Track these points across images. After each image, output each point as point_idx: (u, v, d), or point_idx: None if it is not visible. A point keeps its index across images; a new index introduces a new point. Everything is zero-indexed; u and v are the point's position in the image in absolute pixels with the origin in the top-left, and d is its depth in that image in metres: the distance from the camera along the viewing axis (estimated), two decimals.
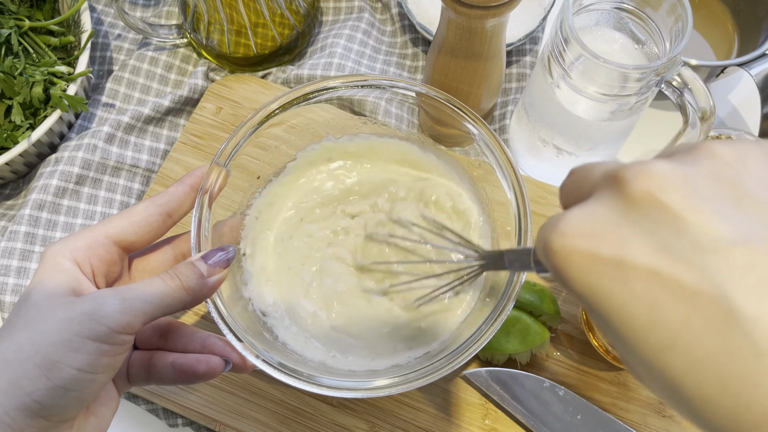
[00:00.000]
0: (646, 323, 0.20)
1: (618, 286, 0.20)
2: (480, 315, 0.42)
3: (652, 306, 0.20)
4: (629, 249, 0.20)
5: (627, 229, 0.20)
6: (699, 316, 0.19)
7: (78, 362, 0.31)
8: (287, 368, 0.39)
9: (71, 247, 0.36)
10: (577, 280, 0.21)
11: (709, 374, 0.19)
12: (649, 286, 0.20)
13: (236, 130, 0.44)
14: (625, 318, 0.20)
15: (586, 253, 0.21)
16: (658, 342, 0.20)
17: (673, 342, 0.19)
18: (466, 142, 0.48)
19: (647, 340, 0.20)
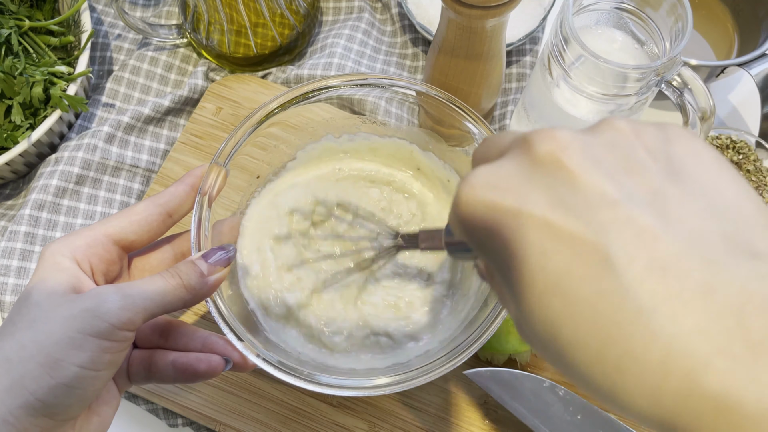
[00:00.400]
0: (534, 268, 0.21)
1: (513, 234, 0.22)
2: (480, 314, 0.42)
3: (541, 253, 0.21)
4: (528, 201, 0.22)
5: (528, 184, 0.22)
6: (580, 262, 0.21)
7: (80, 359, 0.31)
8: (287, 366, 0.39)
9: (70, 246, 0.36)
10: (478, 229, 0.23)
11: (583, 316, 0.20)
12: (541, 235, 0.21)
13: (236, 130, 0.44)
14: (516, 264, 0.22)
15: (489, 203, 0.23)
16: (543, 286, 0.21)
17: (555, 286, 0.21)
18: (466, 142, 0.48)
19: (534, 284, 0.21)
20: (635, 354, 0.20)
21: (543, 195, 0.22)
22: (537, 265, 0.21)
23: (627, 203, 0.21)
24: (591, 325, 0.20)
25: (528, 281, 0.22)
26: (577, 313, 0.20)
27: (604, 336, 0.20)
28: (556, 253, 0.21)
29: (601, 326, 0.20)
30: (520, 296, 0.22)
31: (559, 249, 0.21)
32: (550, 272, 0.21)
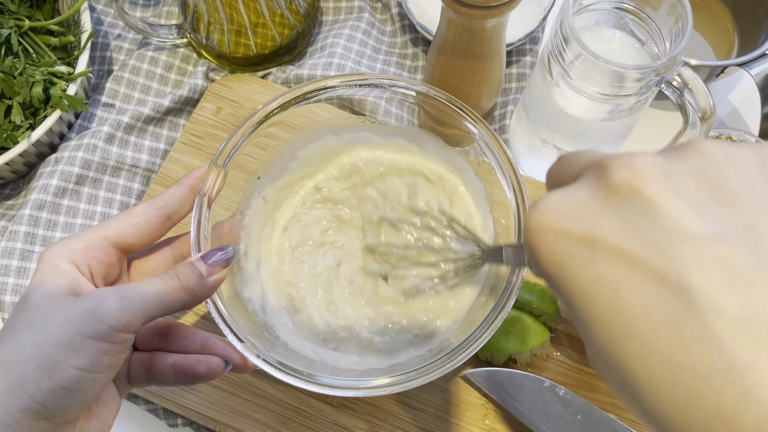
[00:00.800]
0: (608, 307, 0.20)
1: (586, 267, 0.20)
2: (480, 314, 0.42)
3: (616, 291, 0.20)
4: (602, 230, 0.20)
5: (603, 213, 0.21)
6: (660, 304, 0.19)
7: (79, 362, 0.31)
8: (287, 367, 0.39)
9: (69, 249, 0.36)
10: (547, 259, 0.22)
11: (661, 364, 0.19)
12: (616, 270, 0.20)
13: (235, 130, 0.44)
14: (588, 301, 0.20)
15: (559, 230, 0.21)
16: (617, 327, 0.19)
17: (631, 328, 0.19)
18: (466, 142, 0.48)
19: (607, 324, 0.20)
20: (726, 415, 0.17)
21: (618, 225, 0.20)
22: (610, 304, 0.20)
23: (717, 240, 0.19)
24: (672, 376, 0.18)
25: (600, 321, 0.20)
26: (657, 362, 0.19)
27: (688, 390, 0.18)
28: (631, 292, 0.19)
29: (685, 380, 0.18)
30: (592, 336, 0.20)
31: (635, 286, 0.19)
32: (624, 313, 0.19)
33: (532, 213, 0.22)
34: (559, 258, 0.21)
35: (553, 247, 0.21)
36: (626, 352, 0.19)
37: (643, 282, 0.19)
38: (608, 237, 0.20)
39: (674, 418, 0.19)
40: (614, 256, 0.20)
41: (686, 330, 0.18)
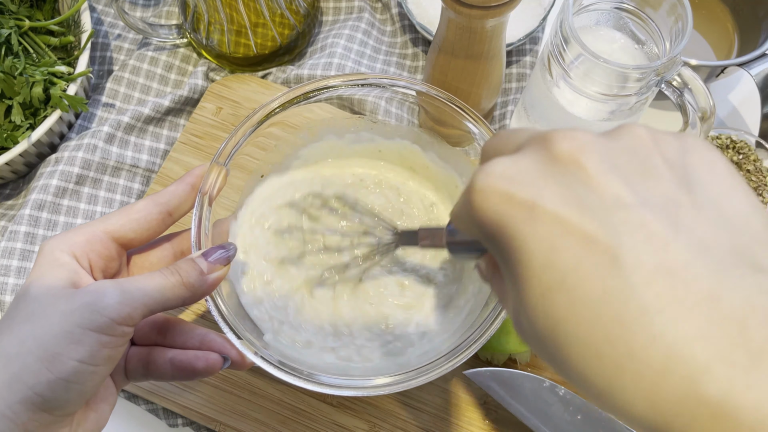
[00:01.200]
0: (542, 262, 0.22)
1: (526, 227, 0.22)
2: (480, 315, 0.42)
3: (551, 248, 0.22)
4: (543, 196, 0.22)
5: (545, 180, 0.23)
6: (589, 260, 0.21)
7: (79, 354, 0.31)
8: (287, 366, 0.39)
9: (69, 242, 0.36)
10: (490, 218, 0.23)
11: (585, 312, 0.21)
12: (552, 230, 0.22)
13: (236, 130, 0.44)
14: (524, 257, 0.22)
15: (504, 192, 0.23)
16: (549, 280, 0.21)
17: (561, 281, 0.21)
18: (466, 142, 0.48)
19: (540, 278, 0.22)
20: (635, 354, 0.20)
21: (559, 192, 0.22)
22: (546, 260, 0.22)
23: (641, 208, 0.21)
24: (593, 322, 0.20)
25: (534, 275, 0.22)
26: (581, 310, 0.21)
27: (606, 334, 0.20)
28: (565, 250, 0.21)
29: (604, 324, 0.20)
30: (524, 291, 0.22)
31: (569, 246, 0.21)
32: (557, 268, 0.21)
33: (479, 175, 0.24)
34: (502, 218, 0.23)
35: (498, 208, 0.23)
36: (555, 303, 0.21)
37: (576, 242, 0.21)
38: (548, 202, 0.22)
39: (591, 363, 0.21)
40: (552, 219, 0.22)
41: (609, 282, 0.20)
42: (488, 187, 0.24)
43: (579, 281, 0.21)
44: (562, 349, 0.21)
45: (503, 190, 0.23)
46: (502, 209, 0.23)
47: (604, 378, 0.20)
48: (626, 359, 0.20)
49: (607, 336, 0.20)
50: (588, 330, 0.21)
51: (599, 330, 0.20)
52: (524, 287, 0.22)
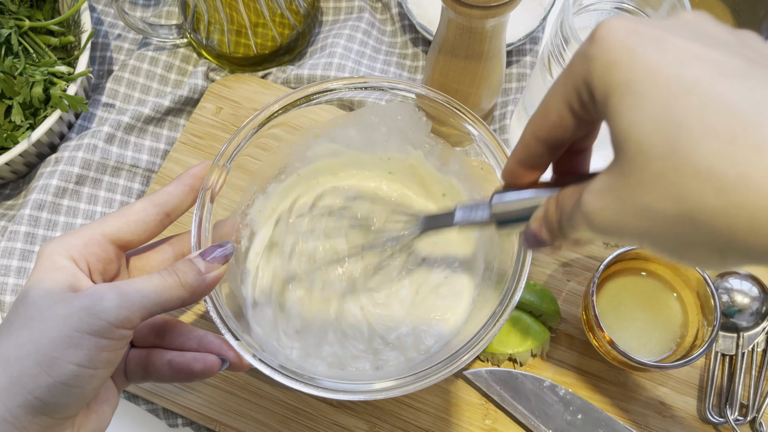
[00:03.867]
0: (672, 72, 0.22)
1: (654, 50, 0.23)
2: (482, 316, 0.42)
3: (681, 63, 0.22)
4: (671, 31, 0.23)
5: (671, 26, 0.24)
6: (722, 73, 0.22)
7: (78, 358, 0.31)
8: (287, 370, 0.38)
9: (68, 245, 0.36)
10: (615, 46, 0.24)
11: (722, 108, 0.21)
12: (681, 54, 0.22)
13: (236, 133, 0.44)
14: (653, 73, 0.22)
15: (632, 28, 0.24)
16: (678, 88, 0.22)
17: (693, 86, 0.22)
18: (466, 142, 0.48)
19: (668, 88, 0.22)
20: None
21: (687, 34, 0.23)
22: (676, 72, 0.22)
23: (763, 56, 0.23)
24: (730, 114, 0.21)
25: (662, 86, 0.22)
26: (716, 107, 0.21)
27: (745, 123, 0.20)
28: (696, 66, 0.22)
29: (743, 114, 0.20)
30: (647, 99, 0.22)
31: (699, 65, 0.22)
32: (689, 77, 0.22)
33: (604, 20, 0.25)
34: (629, 44, 0.23)
35: (626, 37, 0.24)
36: (684, 106, 0.21)
37: (707, 62, 0.22)
38: (677, 37, 0.23)
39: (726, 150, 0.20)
40: (681, 48, 0.23)
41: (745, 87, 0.21)
42: (616, 22, 0.24)
43: (712, 85, 0.21)
44: (684, 150, 0.21)
45: (632, 27, 0.24)
46: (630, 38, 0.23)
47: (738, 164, 0.20)
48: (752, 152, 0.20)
49: (746, 123, 0.20)
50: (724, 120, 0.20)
51: (735, 121, 0.20)
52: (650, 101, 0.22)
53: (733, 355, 0.55)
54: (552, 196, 0.30)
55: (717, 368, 0.54)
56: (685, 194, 0.21)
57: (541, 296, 0.54)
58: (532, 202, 0.31)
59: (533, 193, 0.31)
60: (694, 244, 0.22)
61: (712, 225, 0.21)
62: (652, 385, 0.54)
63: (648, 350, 0.52)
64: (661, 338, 0.52)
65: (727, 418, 0.52)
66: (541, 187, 0.31)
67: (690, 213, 0.21)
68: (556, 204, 0.29)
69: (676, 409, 0.54)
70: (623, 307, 0.53)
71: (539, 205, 0.30)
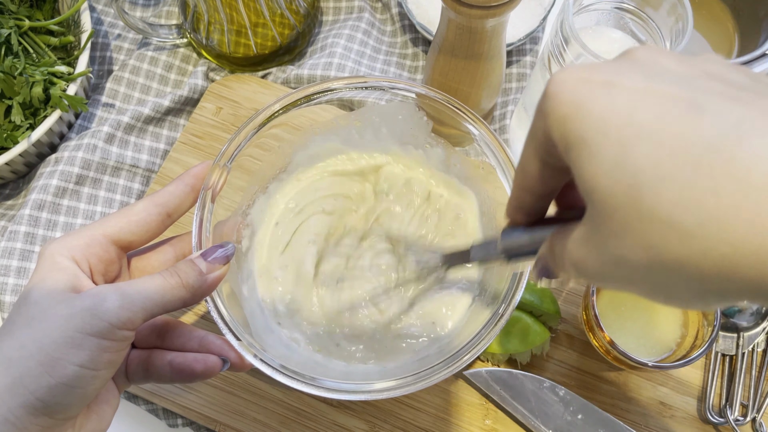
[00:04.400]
0: (622, 120, 0.22)
1: (603, 98, 0.23)
2: (481, 317, 0.42)
3: (632, 108, 0.22)
4: (622, 74, 0.23)
5: (621, 66, 0.24)
6: (673, 111, 0.21)
7: (80, 359, 0.31)
8: (289, 370, 0.38)
9: (69, 246, 0.36)
10: (567, 99, 0.24)
11: (673, 151, 0.20)
12: (632, 96, 0.22)
13: (238, 132, 0.44)
14: (602, 122, 0.22)
15: (581, 77, 0.24)
16: (629, 134, 0.22)
17: (642, 131, 0.21)
18: (466, 142, 0.48)
19: (620, 135, 0.22)
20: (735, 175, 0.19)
21: (637, 73, 0.23)
22: (626, 119, 0.22)
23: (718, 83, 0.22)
24: (682, 157, 0.20)
25: (613, 135, 0.22)
26: (666, 151, 0.21)
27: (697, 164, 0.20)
28: (647, 107, 0.22)
29: (695, 157, 0.20)
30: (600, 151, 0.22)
31: (650, 104, 0.22)
32: (639, 121, 0.21)
33: (557, 72, 0.25)
34: (579, 96, 0.23)
35: (575, 88, 0.24)
36: (636, 152, 0.21)
37: (658, 100, 0.22)
38: (627, 79, 0.23)
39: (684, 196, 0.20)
40: (631, 90, 0.22)
41: (697, 123, 0.21)
42: (565, 74, 0.24)
43: (663, 126, 0.21)
44: (643, 198, 0.21)
45: (580, 76, 0.24)
46: (580, 88, 0.23)
47: (696, 210, 0.20)
48: (725, 181, 0.19)
49: (699, 165, 0.20)
50: (678, 163, 0.20)
51: (689, 163, 0.20)
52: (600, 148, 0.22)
53: (733, 355, 0.55)
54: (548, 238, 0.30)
55: (717, 368, 0.54)
56: (652, 243, 0.21)
57: (541, 296, 0.54)
58: (536, 239, 0.32)
59: (536, 232, 0.32)
60: (673, 289, 0.22)
61: (682, 272, 0.21)
62: (652, 385, 0.54)
63: (648, 350, 0.52)
64: (661, 338, 0.52)
65: (727, 418, 0.52)
66: (544, 224, 0.32)
67: (659, 261, 0.21)
68: (548, 247, 0.30)
69: (676, 409, 0.54)
70: (623, 307, 0.53)
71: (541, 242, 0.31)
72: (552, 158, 0.26)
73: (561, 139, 0.24)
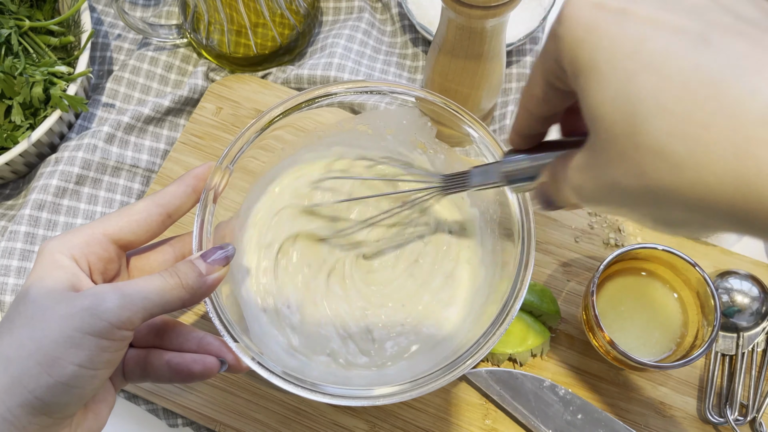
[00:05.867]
0: (629, 50, 0.22)
1: (616, 25, 0.23)
2: (485, 320, 0.42)
3: (640, 38, 0.22)
4: (635, 2, 0.23)
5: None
6: (680, 43, 0.22)
7: (79, 358, 0.31)
8: (290, 376, 0.38)
9: (69, 244, 0.36)
10: (580, 24, 0.24)
11: (675, 83, 0.21)
12: (643, 27, 0.22)
13: (240, 135, 0.44)
14: (612, 49, 0.23)
15: (596, 2, 0.24)
16: (635, 66, 0.22)
17: (648, 62, 0.22)
18: (466, 142, 0.48)
19: (625, 66, 0.22)
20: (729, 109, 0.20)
21: (652, 1, 0.23)
22: (633, 48, 0.22)
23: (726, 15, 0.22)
24: (683, 90, 0.21)
25: (619, 65, 0.22)
26: (668, 83, 0.21)
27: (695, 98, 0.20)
28: (655, 38, 0.22)
29: (694, 89, 0.20)
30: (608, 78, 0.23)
31: (659, 35, 0.22)
32: (646, 52, 0.22)
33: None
34: (591, 22, 0.24)
35: (588, 14, 0.24)
36: (640, 83, 0.22)
37: (666, 32, 0.22)
38: (640, 7, 0.23)
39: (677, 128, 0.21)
40: (644, 17, 0.23)
41: (702, 56, 0.21)
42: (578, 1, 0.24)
43: (668, 58, 0.21)
44: (641, 128, 0.22)
45: (595, 0, 0.24)
46: (593, 14, 0.23)
47: (687, 141, 0.20)
48: (718, 115, 0.20)
49: (695, 98, 0.20)
50: (676, 96, 0.21)
51: (686, 96, 0.20)
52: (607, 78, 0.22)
53: (733, 355, 0.55)
54: (548, 164, 0.31)
55: (717, 368, 0.54)
56: (644, 171, 0.22)
57: (541, 296, 0.54)
58: (537, 163, 0.33)
59: (536, 157, 0.33)
60: (661, 215, 0.23)
61: (670, 200, 0.22)
62: (652, 385, 0.54)
63: (648, 350, 0.52)
64: (661, 338, 0.52)
65: (727, 418, 0.52)
66: (545, 149, 0.33)
67: (650, 188, 0.22)
68: (549, 172, 0.31)
69: (676, 409, 0.54)
70: (623, 307, 0.53)
71: (543, 166, 0.33)
72: (559, 81, 0.27)
73: (571, 63, 0.25)
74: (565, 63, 0.25)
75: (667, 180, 0.21)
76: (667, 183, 0.21)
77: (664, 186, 0.22)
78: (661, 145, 0.21)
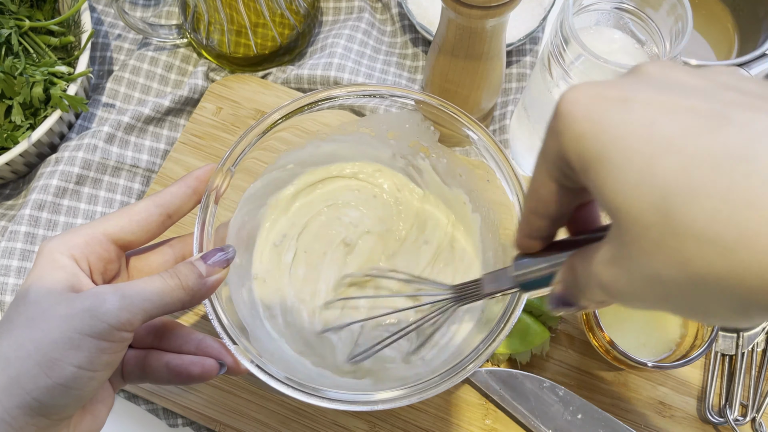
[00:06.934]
0: (642, 136, 0.21)
1: (621, 113, 0.22)
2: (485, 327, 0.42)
3: (651, 122, 0.21)
4: (636, 90, 0.23)
5: (635, 82, 0.23)
6: (697, 123, 0.21)
7: (78, 360, 0.31)
8: (292, 381, 0.38)
9: (69, 244, 0.35)
10: (582, 116, 0.23)
11: (704, 166, 0.20)
12: (650, 110, 0.22)
13: (241, 137, 0.44)
14: (621, 139, 0.22)
15: (595, 94, 0.23)
16: (652, 151, 0.21)
17: (668, 146, 0.21)
18: (465, 142, 0.48)
19: (642, 152, 0.21)
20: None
21: (651, 88, 0.22)
22: (646, 134, 0.21)
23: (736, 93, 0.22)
24: (714, 170, 0.20)
25: (635, 153, 0.21)
26: (698, 164, 0.20)
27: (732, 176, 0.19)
28: (667, 121, 0.21)
29: (729, 168, 0.19)
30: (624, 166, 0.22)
31: (670, 118, 0.21)
32: (661, 136, 0.21)
33: (566, 90, 0.24)
34: (594, 113, 0.23)
35: (589, 105, 0.23)
36: (663, 169, 0.21)
37: (678, 114, 0.21)
38: (642, 94, 0.22)
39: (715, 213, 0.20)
40: (648, 103, 0.22)
41: (724, 134, 0.20)
42: (578, 92, 0.23)
43: (689, 139, 0.20)
44: (676, 212, 0.20)
45: (593, 93, 0.23)
46: (594, 106, 0.23)
47: (735, 223, 0.19)
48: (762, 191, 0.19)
49: (732, 177, 0.19)
50: (709, 177, 0.20)
51: (721, 175, 0.19)
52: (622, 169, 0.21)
53: (733, 355, 0.55)
54: (565, 263, 0.29)
55: (717, 368, 0.55)
56: (689, 258, 0.20)
57: (541, 297, 0.54)
58: (549, 267, 0.31)
59: (549, 259, 0.31)
60: (712, 305, 0.21)
61: (723, 286, 0.20)
62: (652, 385, 0.54)
63: (648, 350, 0.52)
64: (661, 338, 0.52)
65: (727, 418, 0.52)
66: (557, 250, 0.31)
67: (698, 276, 0.21)
68: (569, 272, 0.29)
69: (676, 409, 0.54)
70: (623, 307, 0.53)
71: (558, 268, 0.30)
72: (566, 179, 0.26)
73: (577, 158, 0.24)
74: (571, 159, 0.24)
75: (717, 266, 0.20)
76: (718, 269, 0.20)
77: (714, 272, 0.20)
78: (704, 230, 0.20)
